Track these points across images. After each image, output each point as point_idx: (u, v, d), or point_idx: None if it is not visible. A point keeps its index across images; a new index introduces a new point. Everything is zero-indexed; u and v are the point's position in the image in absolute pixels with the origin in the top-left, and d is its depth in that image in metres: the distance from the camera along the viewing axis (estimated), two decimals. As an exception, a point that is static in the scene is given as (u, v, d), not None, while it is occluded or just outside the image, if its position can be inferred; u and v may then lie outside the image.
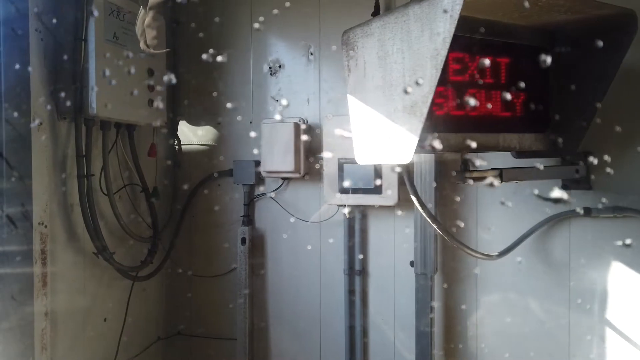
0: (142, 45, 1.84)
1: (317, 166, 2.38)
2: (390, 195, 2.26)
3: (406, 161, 1.43)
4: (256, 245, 2.67)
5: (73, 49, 1.99)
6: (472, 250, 1.85)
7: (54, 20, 2.01)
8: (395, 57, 1.46)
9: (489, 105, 1.68)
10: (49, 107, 2.01)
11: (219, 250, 2.76)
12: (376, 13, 2.32)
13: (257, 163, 2.62)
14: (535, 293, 2.21)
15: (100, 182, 2.24)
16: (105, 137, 2.22)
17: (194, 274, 2.77)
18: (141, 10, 1.82)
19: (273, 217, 2.66)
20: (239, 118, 2.71)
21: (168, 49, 2.03)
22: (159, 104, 2.39)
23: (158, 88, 2.37)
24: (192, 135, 2.81)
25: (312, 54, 2.56)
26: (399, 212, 2.40)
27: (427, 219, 1.72)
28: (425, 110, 1.36)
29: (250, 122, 2.70)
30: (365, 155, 1.65)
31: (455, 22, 1.25)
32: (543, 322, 2.19)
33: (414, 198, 1.71)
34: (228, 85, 2.73)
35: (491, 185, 1.71)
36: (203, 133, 2.78)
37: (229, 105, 2.73)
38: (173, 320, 2.85)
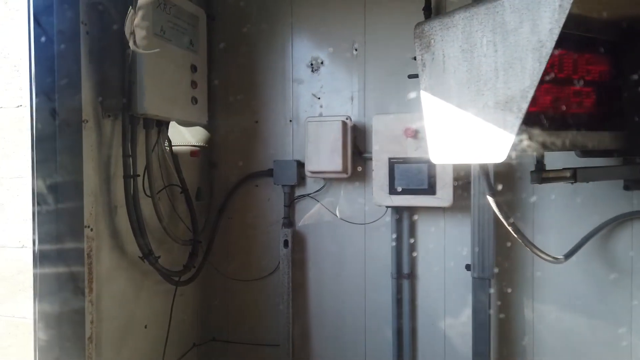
0: (131, 45, 1.75)
1: (359, 169, 2.29)
2: (444, 197, 2.18)
3: (500, 160, 1.35)
4: (297, 247, 2.58)
5: (121, 42, 1.89)
6: (542, 252, 1.77)
7: (100, 12, 1.91)
8: (485, 50, 1.38)
9: (571, 102, 1.60)
10: (94, 104, 1.91)
11: (256, 253, 2.67)
12: (427, 8, 2.25)
13: (299, 163, 2.54)
14: (595, 298, 2.14)
15: (143, 183, 2.13)
16: (149, 136, 2.12)
17: (231, 278, 2.68)
18: (130, 11, 1.74)
19: (315, 219, 2.57)
20: (278, 116, 2.62)
21: (158, 49, 1.90)
22: (202, 101, 2.29)
23: (200, 85, 2.28)
24: (188, 135, 2.71)
25: (356, 49, 2.48)
26: (451, 214, 2.33)
27: (503, 220, 1.64)
28: (525, 105, 1.28)
29: (290, 121, 2.61)
30: (443, 155, 1.57)
31: (567, 12, 1.17)
32: (603, 329, 2.13)
33: (490, 199, 1.63)
34: (266, 82, 2.64)
35: (572, 182, 1.65)
36: (240, 131, 2.68)
37: (267, 102, 2.64)
38: (209, 326, 2.75)
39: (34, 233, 1.66)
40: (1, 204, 1.81)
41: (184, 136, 2.62)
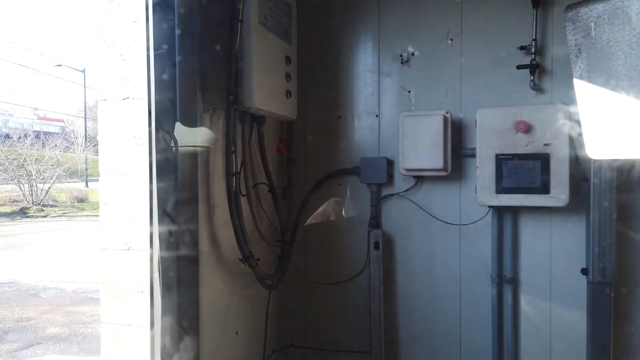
0: None
1: (477, 167, 2.13)
2: (559, 195, 2.03)
3: (696, 155, 1.21)
4: (384, 249, 2.44)
5: (228, 31, 1.76)
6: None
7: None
8: (674, 32, 1.24)
9: None
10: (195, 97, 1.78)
11: (339, 255, 2.54)
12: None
13: (387, 160, 2.40)
14: None
15: (239, 181, 2.01)
16: (245, 132, 2.00)
17: (317, 281, 2.55)
18: None
19: (404, 219, 2.43)
20: (362, 111, 2.49)
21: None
22: (294, 94, 2.17)
23: (293, 78, 2.15)
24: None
25: (451, 40, 2.34)
26: (559, 214, 2.18)
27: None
28: None
29: (377, 116, 2.47)
30: (605, 149, 1.43)
31: None
32: None
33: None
34: (350, 75, 2.51)
35: None
36: (321, 127, 2.55)
37: (350, 96, 2.51)
38: (286, 331, 2.62)
39: (152, 234, 1.54)
40: (105, 202, 1.69)
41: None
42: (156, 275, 1.52)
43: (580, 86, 1.45)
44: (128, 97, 1.66)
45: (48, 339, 5.26)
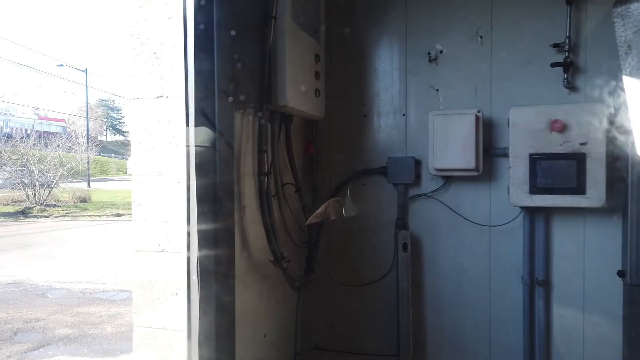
0: None
1: (510, 167, 2.07)
2: (595, 196, 1.99)
3: None
4: (411, 250, 2.40)
5: (261, 29, 1.72)
6: None
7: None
8: None
9: None
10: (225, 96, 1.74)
11: (364, 256, 2.50)
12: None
13: (415, 160, 2.36)
14: None
15: (269, 181, 1.97)
16: (274, 131, 1.96)
17: (343, 283, 2.50)
18: None
19: (432, 220, 2.39)
20: (389, 109, 2.45)
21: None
22: (322, 93, 2.12)
23: (322, 76, 2.11)
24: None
25: (481, 37, 2.29)
26: (592, 215, 2.13)
27: None
28: None
29: (404, 115, 2.43)
30: (658, 149, 1.38)
31: None
32: None
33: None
34: (376, 74, 2.46)
35: None
36: (346, 126, 2.51)
37: (376, 95, 2.46)
38: (309, 334, 2.58)
39: (189, 236, 1.49)
40: (138, 203, 1.65)
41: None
42: (194, 277, 1.47)
43: (630, 83, 1.41)
44: (162, 96, 1.62)
45: (58, 340, 5.22)
